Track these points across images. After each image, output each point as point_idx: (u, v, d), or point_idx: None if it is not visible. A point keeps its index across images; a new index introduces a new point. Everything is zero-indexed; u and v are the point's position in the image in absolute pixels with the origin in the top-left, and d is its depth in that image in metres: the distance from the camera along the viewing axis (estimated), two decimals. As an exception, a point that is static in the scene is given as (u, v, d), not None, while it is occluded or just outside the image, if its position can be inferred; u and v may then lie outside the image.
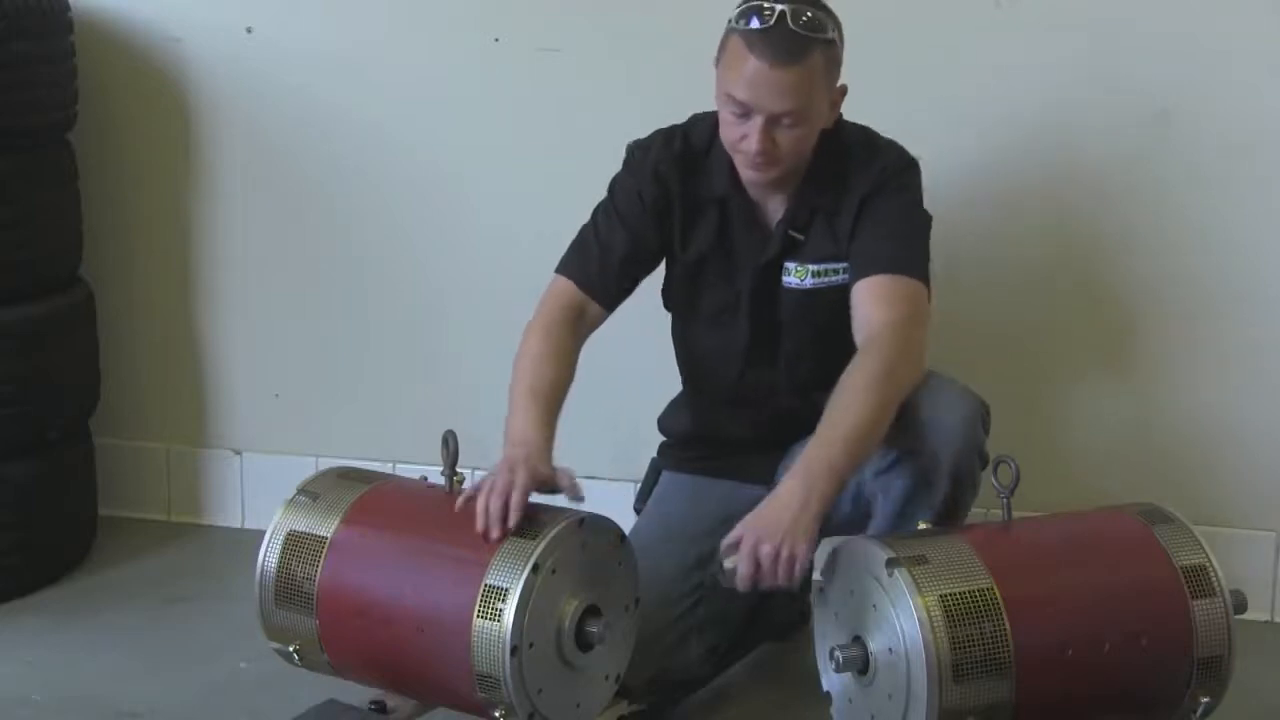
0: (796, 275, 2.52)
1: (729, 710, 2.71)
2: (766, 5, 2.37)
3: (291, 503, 2.37)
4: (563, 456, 3.29)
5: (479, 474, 3.25)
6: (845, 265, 2.49)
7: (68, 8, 3.16)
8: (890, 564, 2.10)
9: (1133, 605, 2.16)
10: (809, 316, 2.53)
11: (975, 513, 2.78)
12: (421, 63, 3.25)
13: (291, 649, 2.34)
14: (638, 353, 2.68)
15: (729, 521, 2.58)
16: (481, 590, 2.15)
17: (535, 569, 2.15)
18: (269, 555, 2.35)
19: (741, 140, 2.41)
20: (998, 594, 2.09)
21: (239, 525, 3.50)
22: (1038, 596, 2.12)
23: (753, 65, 2.36)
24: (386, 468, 3.28)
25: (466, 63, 3.23)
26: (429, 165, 3.29)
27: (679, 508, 2.65)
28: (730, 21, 2.42)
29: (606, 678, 2.32)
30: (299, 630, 2.33)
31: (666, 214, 2.56)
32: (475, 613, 2.15)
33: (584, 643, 2.23)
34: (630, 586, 2.32)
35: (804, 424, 2.53)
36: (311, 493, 2.38)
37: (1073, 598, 2.15)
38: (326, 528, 2.32)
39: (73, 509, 3.28)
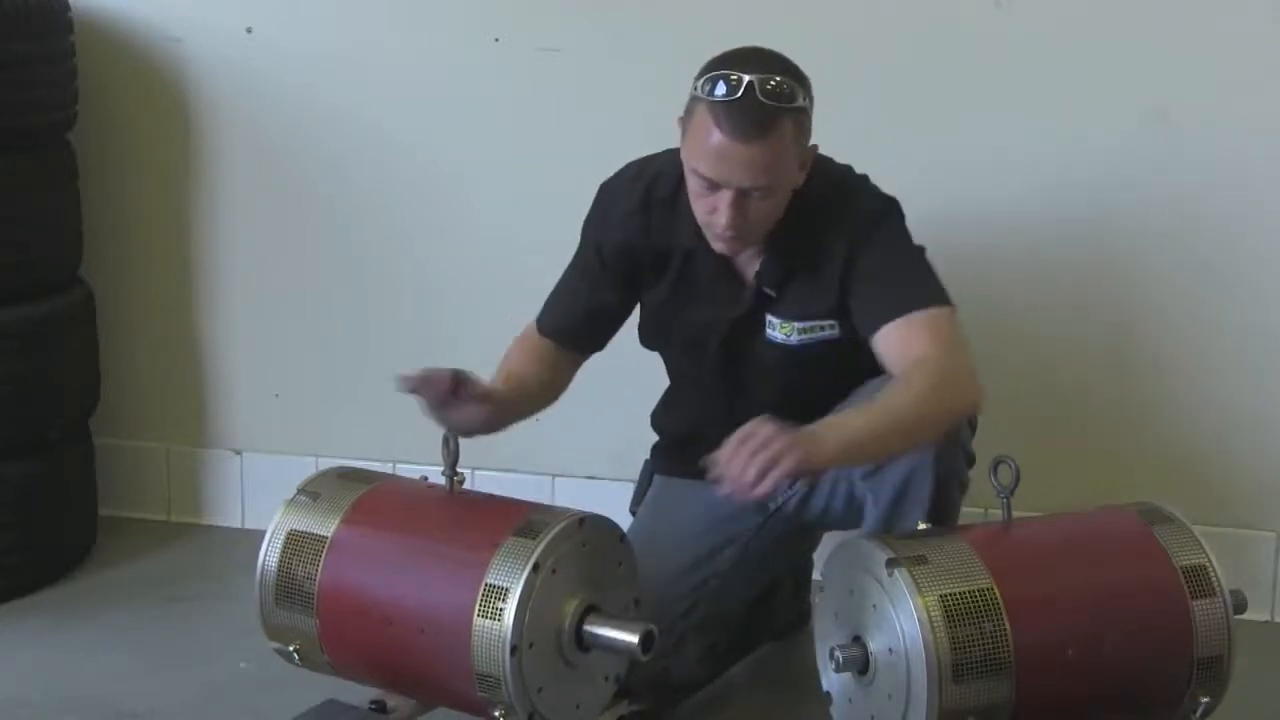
0: (782, 331, 2.46)
1: (728, 710, 2.71)
2: (733, 74, 2.25)
3: (292, 502, 2.37)
4: (563, 456, 3.32)
5: (480, 474, 3.26)
6: (832, 322, 2.43)
7: (68, 8, 3.16)
8: (890, 564, 2.10)
9: (1133, 605, 2.16)
10: (789, 370, 2.49)
11: (974, 512, 2.79)
12: (421, 63, 3.25)
13: (292, 649, 2.34)
14: (637, 353, 2.68)
15: (719, 524, 2.59)
16: (482, 590, 2.15)
17: (535, 568, 2.14)
18: (269, 555, 2.34)
19: (711, 214, 2.32)
20: (998, 594, 2.08)
21: (239, 525, 3.50)
22: (1038, 596, 2.12)
23: (719, 140, 2.25)
24: (386, 468, 3.27)
25: (466, 63, 3.23)
26: (429, 165, 3.29)
27: (671, 511, 2.65)
28: (695, 88, 2.30)
29: (606, 678, 2.32)
30: (299, 630, 2.33)
31: (632, 265, 2.51)
32: (476, 612, 2.14)
33: (584, 643, 2.22)
34: (630, 585, 2.32)
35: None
36: (312, 492, 2.38)
37: (1073, 598, 2.15)
38: (326, 527, 2.32)
39: (73, 509, 3.28)
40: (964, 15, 3.00)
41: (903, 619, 2.08)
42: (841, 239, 2.38)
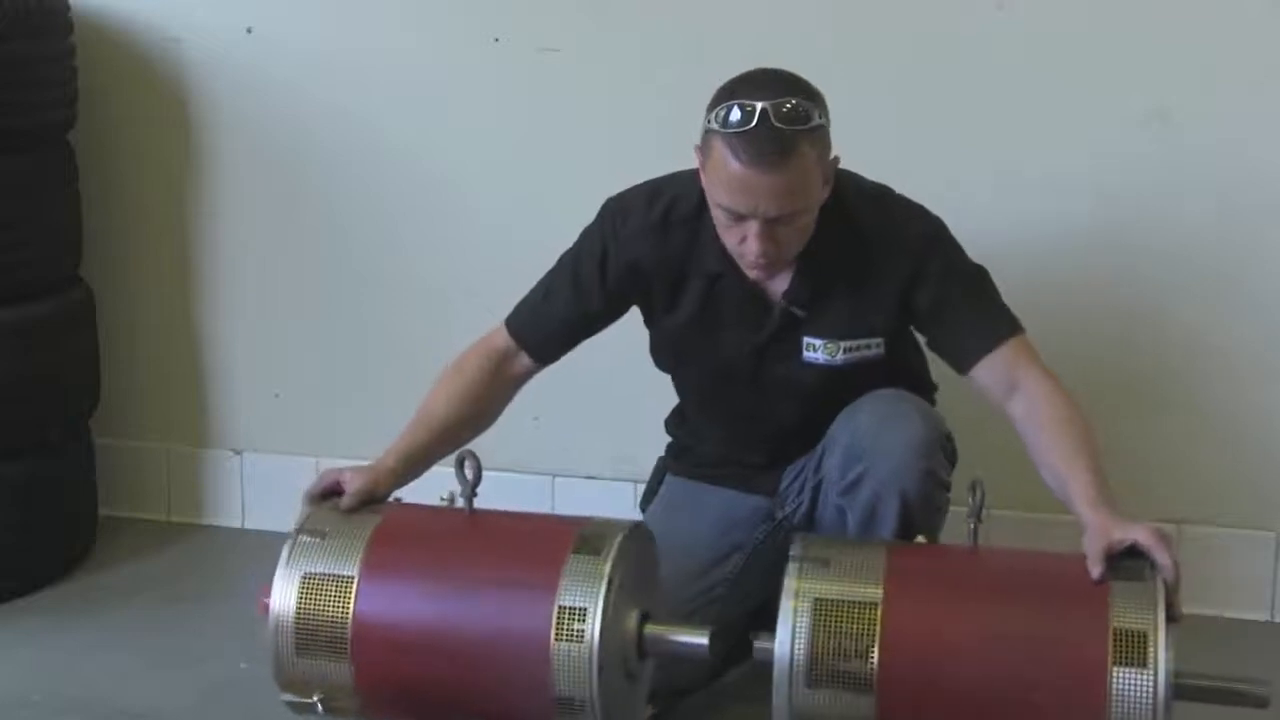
0: (826, 352, 2.43)
1: (729, 711, 2.71)
2: (745, 103, 2.20)
3: (296, 545, 2.24)
4: (563, 456, 3.31)
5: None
6: (879, 340, 2.43)
7: (68, 8, 3.16)
8: (790, 559, 2.12)
9: (1035, 655, 2.03)
10: (822, 391, 2.46)
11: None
12: (421, 63, 3.25)
13: (315, 699, 2.22)
14: (638, 353, 2.68)
15: (729, 530, 2.58)
16: (555, 612, 2.11)
17: (609, 585, 2.12)
18: (283, 602, 2.20)
19: (741, 243, 2.29)
20: (879, 612, 2.04)
21: (239, 525, 3.50)
22: (922, 625, 2.05)
23: (740, 172, 2.21)
24: (386, 468, 3.28)
25: (466, 63, 3.23)
26: (429, 165, 3.29)
27: (682, 514, 2.63)
28: (708, 119, 2.25)
29: (647, 679, 2.33)
30: (327, 677, 2.21)
31: (643, 285, 2.48)
32: (553, 636, 2.10)
33: (644, 651, 2.22)
34: (656, 577, 2.32)
35: (807, 443, 2.53)
36: (316, 531, 2.25)
37: (962, 635, 2.05)
38: (349, 565, 2.20)
39: (73, 509, 3.28)
40: (965, 17, 3.00)
41: (781, 614, 2.08)
42: (898, 259, 2.38)
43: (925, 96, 3.03)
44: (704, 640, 2.20)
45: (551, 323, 2.52)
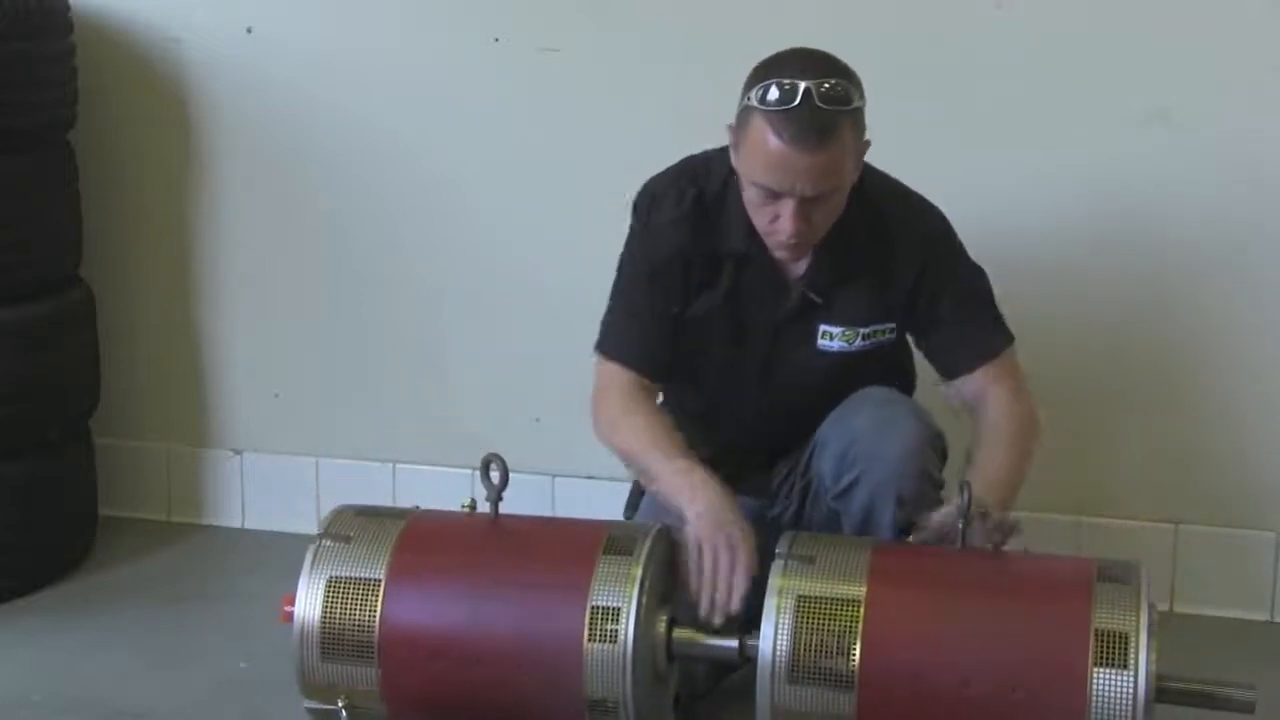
0: (844, 339, 2.44)
1: (736, 709, 2.70)
2: (787, 81, 2.21)
3: (320, 549, 2.24)
4: (563, 456, 3.31)
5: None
6: (893, 325, 2.46)
7: (68, 8, 3.15)
8: (776, 556, 2.14)
9: (1017, 654, 2.05)
10: (834, 378, 2.46)
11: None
12: (421, 63, 3.25)
13: (340, 704, 2.21)
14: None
15: None
16: (588, 613, 2.11)
17: (642, 585, 2.13)
18: (309, 607, 2.20)
19: (773, 222, 2.29)
20: (862, 609, 2.06)
21: (239, 525, 3.50)
22: (906, 622, 2.08)
23: (780, 150, 2.21)
24: (386, 468, 3.29)
25: (466, 63, 3.23)
26: (429, 165, 3.29)
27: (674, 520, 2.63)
28: (748, 96, 2.25)
29: (674, 682, 2.33)
30: (353, 682, 2.20)
31: (685, 272, 2.46)
32: (585, 637, 2.10)
33: (672, 653, 2.23)
34: (679, 582, 2.31)
35: (803, 437, 2.52)
36: (340, 535, 2.24)
37: (947, 632, 2.08)
38: (376, 568, 2.20)
39: (73, 509, 3.28)
40: (964, 16, 3.00)
41: (765, 611, 2.10)
42: (914, 249, 2.41)
43: (924, 96, 3.02)
44: (734, 643, 2.20)
45: (649, 339, 2.47)
